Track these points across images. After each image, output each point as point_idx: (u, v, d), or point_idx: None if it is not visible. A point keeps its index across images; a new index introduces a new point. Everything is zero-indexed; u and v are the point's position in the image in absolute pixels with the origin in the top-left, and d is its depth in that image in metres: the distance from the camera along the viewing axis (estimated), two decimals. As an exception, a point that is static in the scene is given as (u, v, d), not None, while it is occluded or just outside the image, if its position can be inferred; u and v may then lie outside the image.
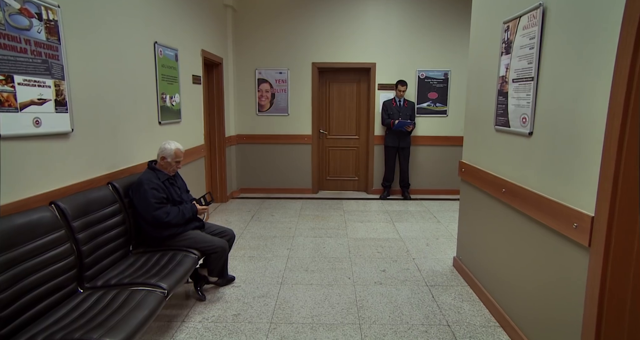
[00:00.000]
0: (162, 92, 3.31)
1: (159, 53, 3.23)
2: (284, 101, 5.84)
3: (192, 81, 4.12)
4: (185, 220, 2.60)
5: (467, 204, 3.12)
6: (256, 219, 4.76)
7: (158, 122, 3.28)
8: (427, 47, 5.69)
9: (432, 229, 4.40)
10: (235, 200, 5.66)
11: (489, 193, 2.62)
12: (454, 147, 5.91)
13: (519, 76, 2.19)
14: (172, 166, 2.66)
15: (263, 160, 5.99)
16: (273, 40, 5.71)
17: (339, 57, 5.75)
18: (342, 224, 4.55)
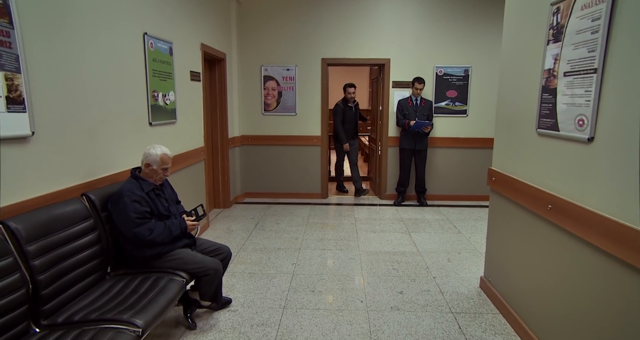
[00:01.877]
0: (153, 90, 2.96)
1: (149, 45, 2.88)
2: (291, 100, 5.47)
3: (190, 78, 3.77)
4: (172, 237, 2.24)
5: (498, 218, 2.70)
6: (260, 227, 4.40)
7: (148, 123, 2.94)
8: (446, 42, 5.27)
9: (453, 241, 3.99)
10: (239, 206, 5.31)
11: (529, 208, 2.20)
12: (474, 149, 5.48)
13: (573, 68, 1.77)
14: (159, 174, 2.31)
15: (269, 163, 5.63)
16: (280, 34, 5.34)
17: (350, 52, 5.35)
18: (353, 234, 4.17)
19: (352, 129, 5.70)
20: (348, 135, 5.64)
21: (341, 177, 6.06)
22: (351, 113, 5.62)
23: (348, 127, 5.62)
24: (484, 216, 4.81)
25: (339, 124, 5.55)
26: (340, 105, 5.58)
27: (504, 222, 2.60)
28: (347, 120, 5.61)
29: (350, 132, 5.67)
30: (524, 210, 2.29)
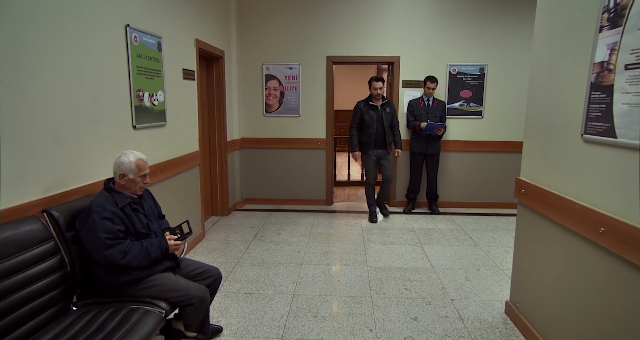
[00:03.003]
0: (137, 89, 2.64)
1: (132, 39, 2.57)
2: (294, 100, 5.15)
3: (183, 76, 3.46)
4: (150, 260, 1.92)
5: (529, 236, 2.35)
6: (260, 238, 4.07)
7: (132, 126, 2.62)
8: (460, 38, 4.91)
9: (470, 255, 3.63)
10: (238, 213, 4.99)
11: (572, 229, 1.85)
12: (490, 153, 5.12)
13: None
14: (138, 184, 1.99)
15: (271, 167, 5.30)
16: (283, 31, 5.02)
17: (357, 49, 5.02)
18: (360, 247, 3.83)
19: (378, 135, 4.40)
20: (368, 143, 4.41)
21: (372, 202, 4.65)
22: (375, 114, 4.39)
23: (369, 132, 4.38)
24: (502, 226, 4.46)
25: (353, 128, 4.49)
26: (360, 104, 4.46)
27: (537, 242, 2.24)
28: (368, 124, 4.39)
29: (373, 138, 4.39)
30: (564, 230, 1.94)
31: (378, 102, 4.38)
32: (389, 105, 4.45)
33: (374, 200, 4.64)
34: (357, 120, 4.45)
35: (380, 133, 4.40)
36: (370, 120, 4.37)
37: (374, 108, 4.38)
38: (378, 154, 4.45)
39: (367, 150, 4.45)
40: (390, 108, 4.44)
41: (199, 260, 3.19)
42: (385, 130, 4.40)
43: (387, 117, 4.42)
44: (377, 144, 4.43)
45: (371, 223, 4.53)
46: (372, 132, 4.37)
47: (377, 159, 4.47)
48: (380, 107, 4.38)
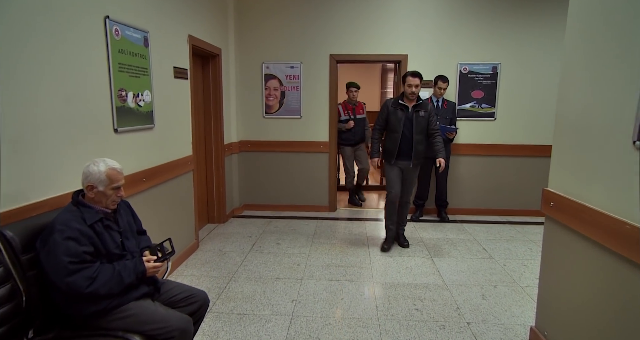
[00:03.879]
0: (119, 88, 2.38)
1: (113, 33, 2.30)
2: (295, 101, 4.88)
3: (174, 75, 3.20)
4: (124, 286, 1.65)
5: (560, 255, 2.06)
6: (257, 248, 3.80)
7: (113, 129, 2.36)
8: (472, 35, 4.63)
9: (485, 269, 3.34)
10: (236, 220, 4.72)
11: (619, 253, 1.57)
12: (503, 157, 4.83)
13: None
14: (110, 197, 1.72)
15: (271, 171, 5.03)
16: (283, 28, 4.76)
17: (362, 47, 4.74)
18: (365, 259, 3.54)
19: (404, 142, 3.54)
20: (390, 151, 3.60)
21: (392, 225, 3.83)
22: (404, 116, 3.53)
23: (394, 137, 3.57)
24: (517, 236, 4.16)
25: (376, 130, 3.75)
26: (389, 102, 3.66)
27: (570, 263, 1.95)
28: (394, 127, 3.57)
29: (397, 144, 3.54)
30: (606, 253, 1.65)
31: (410, 102, 3.56)
32: (424, 107, 3.56)
33: (393, 223, 3.80)
34: (381, 121, 3.68)
35: (407, 140, 3.53)
36: (397, 122, 3.54)
37: (403, 108, 3.56)
38: (404, 166, 3.62)
39: (390, 159, 3.61)
40: (426, 111, 3.56)
41: (191, 273, 2.92)
42: (414, 138, 3.51)
43: (420, 122, 3.53)
44: (402, 154, 3.54)
45: (382, 252, 3.72)
46: (397, 138, 3.54)
47: (401, 171, 3.65)
48: (412, 109, 3.53)
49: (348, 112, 5.09)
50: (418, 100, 3.58)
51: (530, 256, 3.62)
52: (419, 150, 3.58)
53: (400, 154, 3.57)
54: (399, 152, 3.55)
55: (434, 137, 3.63)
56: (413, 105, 3.56)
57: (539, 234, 4.24)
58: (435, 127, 3.64)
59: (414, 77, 3.47)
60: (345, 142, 5.16)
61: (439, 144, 3.61)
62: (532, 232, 4.30)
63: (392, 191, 3.67)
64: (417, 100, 3.58)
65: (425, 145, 3.62)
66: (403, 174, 3.65)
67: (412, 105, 3.56)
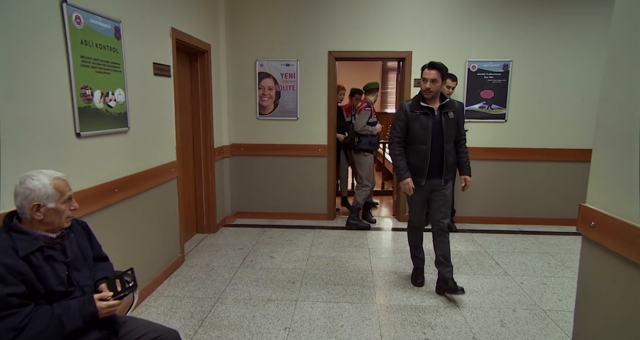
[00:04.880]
0: (82, 86, 2.04)
1: (73, 21, 1.97)
2: (291, 101, 4.54)
3: (154, 72, 2.86)
4: (65, 335, 1.31)
5: (603, 286, 1.72)
6: (249, 263, 3.46)
7: (74, 134, 2.02)
8: (481, 30, 4.30)
9: (500, 287, 3.01)
10: (227, 230, 4.38)
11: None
12: (514, 162, 4.50)
13: None
14: (64, 213, 1.40)
15: (265, 177, 4.70)
16: (279, 23, 4.42)
17: (363, 44, 4.41)
18: (367, 276, 3.21)
19: (435, 155, 2.73)
20: (419, 168, 2.76)
21: (420, 254, 3.09)
22: (430, 122, 2.70)
23: (421, 151, 2.73)
24: (532, 248, 3.83)
25: (395, 143, 2.81)
26: (406, 105, 2.79)
27: (616, 296, 1.62)
28: (419, 136, 2.72)
29: (427, 159, 2.73)
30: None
31: (434, 103, 2.73)
32: (451, 106, 2.75)
33: (421, 252, 3.06)
34: (399, 130, 2.79)
35: (437, 152, 2.73)
36: (422, 131, 2.70)
37: (427, 112, 2.70)
38: (434, 185, 2.81)
39: (420, 178, 2.78)
40: (455, 111, 2.77)
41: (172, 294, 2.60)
42: (445, 149, 2.73)
43: (450, 128, 2.73)
44: (432, 170, 2.76)
45: (415, 285, 3.04)
46: (426, 152, 2.71)
47: (429, 192, 2.86)
48: (439, 111, 2.72)
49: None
50: (443, 99, 2.76)
51: (549, 272, 3.29)
52: (451, 162, 2.79)
53: (430, 172, 2.76)
54: (430, 170, 2.75)
55: (459, 145, 2.88)
56: (439, 105, 2.73)
57: (555, 245, 3.92)
58: (463, 132, 2.93)
59: (430, 68, 2.66)
60: (374, 148, 4.45)
61: (465, 155, 2.90)
62: (547, 243, 3.97)
63: (414, 220, 2.97)
64: (442, 99, 2.76)
65: (453, 155, 2.84)
66: (432, 195, 2.86)
67: (437, 106, 2.73)
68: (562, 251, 3.76)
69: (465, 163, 2.92)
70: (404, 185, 2.81)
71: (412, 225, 3.03)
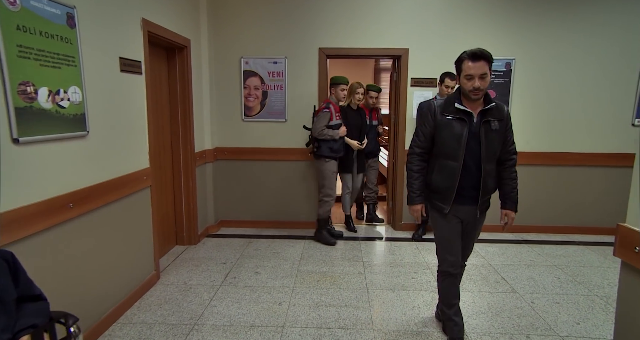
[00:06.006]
0: (21, 81, 1.70)
1: (5, 1, 1.62)
2: (279, 102, 4.22)
3: (121, 68, 2.52)
4: None
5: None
6: (231, 280, 3.12)
7: (10, 140, 1.67)
8: (482, 26, 4.03)
9: (510, 308, 2.71)
10: (210, 241, 4.04)
11: None
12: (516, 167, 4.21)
13: None
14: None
15: (251, 183, 4.36)
16: (265, 17, 4.10)
17: (356, 40, 4.11)
18: (362, 294, 2.90)
19: (470, 175, 2.07)
20: (445, 190, 2.11)
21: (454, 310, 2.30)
22: (467, 130, 2.02)
23: (451, 168, 2.07)
24: (538, 260, 3.56)
25: (414, 155, 2.20)
26: (435, 105, 2.12)
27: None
28: (451, 149, 2.06)
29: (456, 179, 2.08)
30: None
31: (475, 105, 2.02)
32: (498, 113, 2.04)
33: (458, 312, 2.29)
34: (423, 138, 2.14)
35: (471, 170, 2.05)
36: (454, 142, 2.03)
37: (464, 118, 2.01)
38: (465, 215, 2.15)
39: (443, 206, 2.12)
40: (501, 120, 2.05)
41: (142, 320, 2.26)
42: (483, 168, 2.03)
43: (492, 141, 2.03)
44: (464, 194, 2.09)
45: None
46: (456, 169, 2.05)
47: (461, 223, 2.18)
48: (479, 117, 2.02)
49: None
50: (487, 103, 2.02)
51: (560, 289, 3.01)
52: (491, 187, 2.12)
53: (461, 195, 2.08)
54: (460, 193, 2.08)
55: (505, 166, 2.16)
56: (481, 110, 2.02)
57: (562, 256, 3.65)
58: (513, 148, 2.17)
59: (475, 60, 1.91)
60: (336, 154, 3.92)
61: (513, 181, 2.18)
62: (553, 255, 3.70)
63: (449, 258, 2.20)
64: (486, 103, 2.02)
65: (494, 176, 2.14)
66: (464, 228, 2.21)
67: (478, 110, 2.02)
68: (571, 263, 3.49)
69: (510, 193, 2.19)
70: (413, 212, 2.23)
71: (443, 270, 2.24)
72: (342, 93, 3.83)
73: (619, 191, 4.15)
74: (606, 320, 2.55)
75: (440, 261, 2.26)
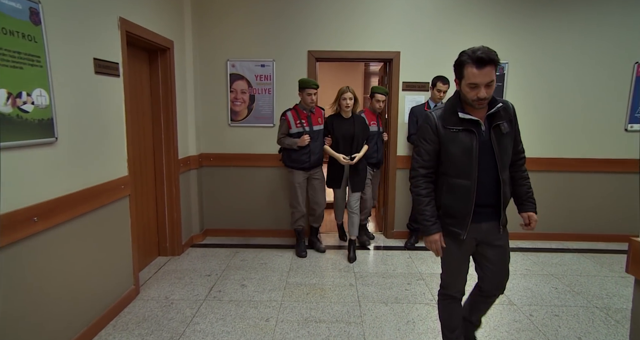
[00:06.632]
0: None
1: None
2: (267, 106, 4.08)
3: (95, 69, 2.35)
4: None
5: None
6: (216, 294, 2.95)
7: (-36, 149, 1.50)
8: (475, 30, 3.95)
9: (508, 322, 2.59)
10: (195, 251, 3.86)
11: None
12: (511, 173, 4.12)
13: None
14: None
15: (238, 190, 4.20)
16: (253, 19, 3.96)
17: (346, 43, 3.99)
18: (354, 309, 2.75)
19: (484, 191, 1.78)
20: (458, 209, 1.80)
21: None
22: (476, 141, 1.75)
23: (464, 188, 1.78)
24: (533, 269, 3.47)
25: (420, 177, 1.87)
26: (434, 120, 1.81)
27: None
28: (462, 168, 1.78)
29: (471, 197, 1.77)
30: None
31: (480, 112, 1.76)
32: (505, 113, 1.80)
33: (460, 337, 2.08)
34: (426, 157, 1.85)
35: (489, 185, 1.78)
36: (464, 158, 1.76)
37: (471, 128, 1.75)
38: (484, 234, 1.85)
39: (458, 231, 1.82)
40: (510, 122, 1.81)
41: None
42: (500, 178, 1.77)
43: (505, 146, 1.80)
44: (482, 212, 1.81)
45: None
46: (470, 188, 1.77)
47: (474, 244, 1.90)
48: (487, 124, 1.77)
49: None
50: (492, 105, 1.76)
51: (558, 300, 2.90)
52: (508, 195, 1.83)
53: (478, 214, 1.79)
54: (476, 212, 1.78)
55: (516, 167, 1.95)
56: (488, 113, 1.76)
57: (558, 265, 3.56)
58: (521, 147, 1.96)
59: (481, 66, 1.64)
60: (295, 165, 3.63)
61: (527, 180, 1.97)
62: (549, 263, 3.61)
63: (457, 286, 1.98)
64: (491, 105, 1.76)
65: (509, 185, 1.86)
66: (481, 248, 1.90)
67: (483, 115, 1.76)
68: (567, 272, 3.40)
69: (526, 193, 1.95)
70: (431, 244, 1.86)
71: (447, 294, 2.01)
72: (308, 98, 3.44)
73: (613, 197, 4.08)
74: (608, 335, 2.45)
75: (446, 285, 1.99)
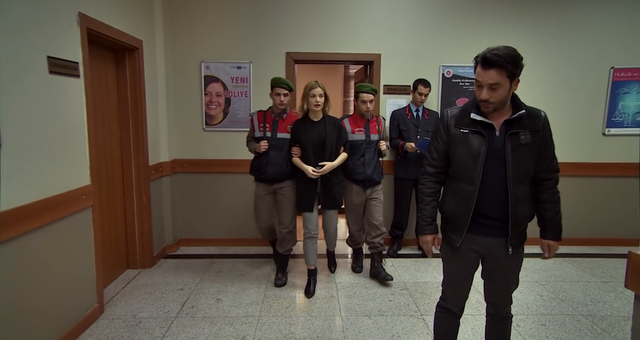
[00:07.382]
0: None
1: None
2: (244, 110, 3.91)
3: (49, 69, 2.14)
4: None
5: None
6: (189, 310, 2.76)
7: None
8: (457, 32, 3.89)
9: (495, 333, 2.50)
10: (167, 262, 3.64)
11: None
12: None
13: None
14: None
15: (214, 197, 4.01)
16: (228, 19, 3.80)
17: (325, 45, 3.87)
18: (335, 323, 2.61)
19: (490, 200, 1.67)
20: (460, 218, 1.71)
21: None
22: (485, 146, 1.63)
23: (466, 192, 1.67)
24: (524, 279, 3.39)
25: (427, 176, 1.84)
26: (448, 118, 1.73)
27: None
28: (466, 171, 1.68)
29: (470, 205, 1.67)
30: None
31: (498, 115, 1.64)
32: (530, 123, 1.64)
33: None
34: (436, 155, 1.79)
35: (495, 196, 1.66)
36: (469, 160, 1.66)
37: (482, 131, 1.63)
38: (489, 249, 1.73)
39: (453, 236, 1.75)
40: (537, 132, 1.65)
41: None
42: (510, 191, 1.63)
43: (521, 158, 1.63)
44: (485, 224, 1.70)
45: None
46: (471, 194, 1.67)
47: (479, 258, 1.79)
48: (504, 129, 1.63)
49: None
50: (516, 109, 1.63)
51: (544, 308, 2.84)
52: (523, 214, 1.69)
53: (478, 224, 1.70)
54: (473, 221, 1.69)
55: (544, 188, 1.77)
56: (505, 120, 1.63)
57: (542, 271, 3.51)
58: (554, 164, 1.77)
59: (486, 67, 1.54)
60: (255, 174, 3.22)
61: (555, 205, 1.81)
62: (532, 269, 3.56)
63: (453, 297, 1.87)
64: (515, 109, 1.64)
65: (530, 201, 1.73)
66: (487, 264, 1.79)
67: (502, 121, 1.63)
68: (551, 279, 3.35)
69: (551, 219, 1.80)
70: (422, 244, 1.86)
71: (445, 307, 1.89)
72: (277, 98, 2.95)
73: (591, 201, 4.09)
74: (596, 344, 2.39)
75: (445, 297, 1.89)
